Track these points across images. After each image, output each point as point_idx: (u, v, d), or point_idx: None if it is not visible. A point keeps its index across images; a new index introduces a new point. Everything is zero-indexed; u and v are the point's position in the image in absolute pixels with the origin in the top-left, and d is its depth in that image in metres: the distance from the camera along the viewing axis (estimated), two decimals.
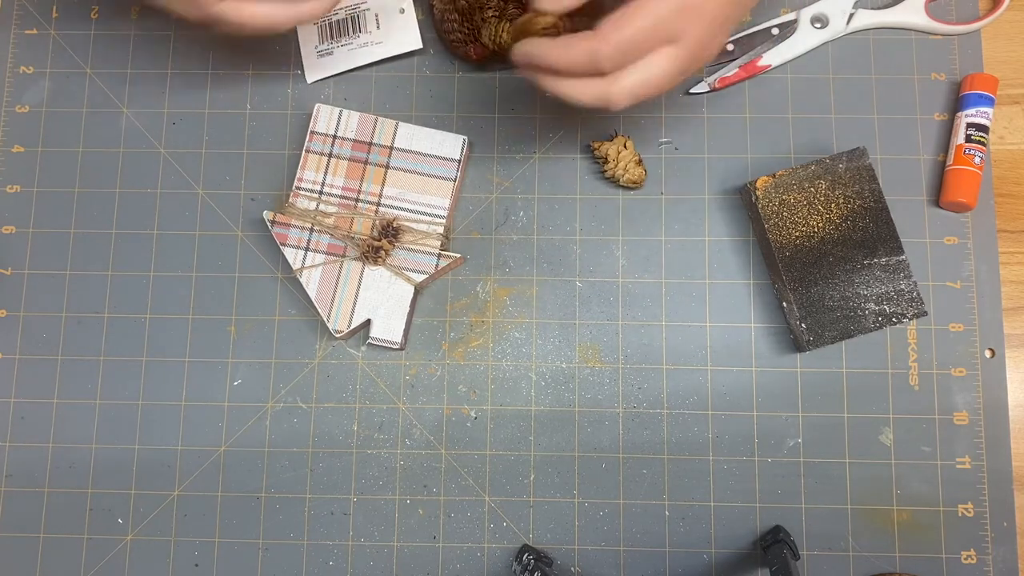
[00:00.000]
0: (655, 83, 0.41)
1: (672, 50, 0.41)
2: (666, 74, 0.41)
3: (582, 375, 0.54)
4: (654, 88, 0.42)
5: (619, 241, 0.55)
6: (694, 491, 0.53)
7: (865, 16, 0.56)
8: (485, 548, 0.53)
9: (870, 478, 0.52)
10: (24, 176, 0.57)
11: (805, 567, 0.52)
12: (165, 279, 0.56)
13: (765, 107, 0.56)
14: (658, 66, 0.41)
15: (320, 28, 0.58)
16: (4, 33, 0.59)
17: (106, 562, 0.53)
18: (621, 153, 0.54)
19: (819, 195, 0.52)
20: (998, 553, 0.51)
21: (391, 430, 0.54)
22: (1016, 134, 0.56)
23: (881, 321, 0.50)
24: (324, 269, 0.53)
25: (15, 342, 0.56)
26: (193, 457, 0.54)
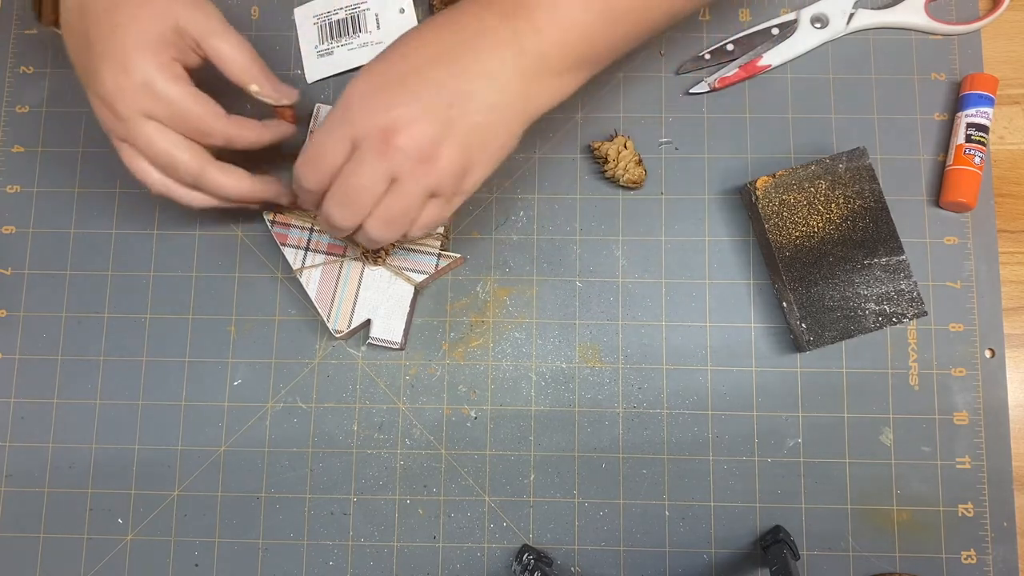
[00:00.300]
0: (348, 182, 0.41)
1: (355, 156, 0.41)
2: (358, 177, 0.41)
3: (582, 375, 0.54)
4: (354, 189, 0.41)
5: (619, 241, 0.55)
6: (694, 491, 0.53)
7: (865, 16, 0.56)
8: (485, 548, 0.53)
9: (870, 478, 0.52)
10: (24, 176, 0.57)
11: (805, 567, 0.52)
12: (165, 279, 0.56)
13: (765, 107, 0.56)
14: (348, 170, 0.41)
15: (320, 28, 0.58)
16: (4, 33, 0.59)
17: (106, 562, 0.53)
18: (621, 153, 0.54)
19: (819, 195, 0.52)
20: (998, 553, 0.51)
21: (391, 430, 0.54)
22: (1016, 134, 0.56)
23: (881, 321, 0.50)
24: (324, 269, 0.53)
25: (15, 342, 0.56)
26: (193, 457, 0.54)
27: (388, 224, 0.42)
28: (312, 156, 0.42)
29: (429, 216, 0.43)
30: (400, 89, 0.40)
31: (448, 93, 0.40)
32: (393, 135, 0.40)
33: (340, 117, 0.41)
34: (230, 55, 0.46)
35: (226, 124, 0.46)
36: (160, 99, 0.44)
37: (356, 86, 0.41)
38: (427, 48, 0.41)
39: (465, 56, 0.40)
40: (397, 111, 0.40)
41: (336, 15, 0.57)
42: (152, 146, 0.44)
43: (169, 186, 0.47)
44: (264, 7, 0.59)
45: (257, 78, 0.47)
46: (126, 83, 0.43)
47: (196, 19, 0.45)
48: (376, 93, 0.40)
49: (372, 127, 0.40)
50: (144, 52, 0.43)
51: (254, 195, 0.48)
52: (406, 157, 0.40)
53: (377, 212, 0.42)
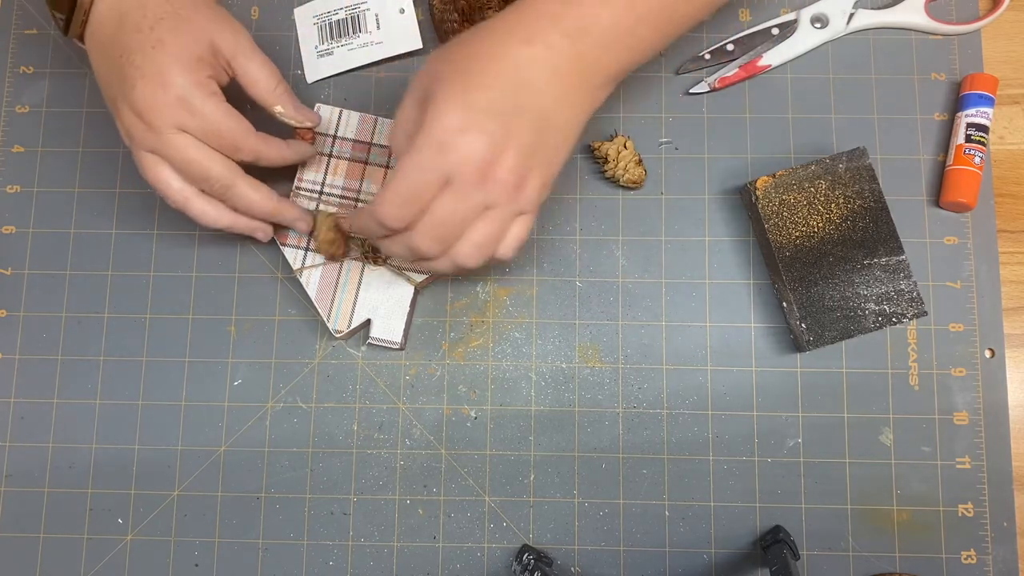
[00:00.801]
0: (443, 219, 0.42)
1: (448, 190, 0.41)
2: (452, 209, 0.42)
3: (582, 375, 0.54)
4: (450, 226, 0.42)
5: (619, 241, 0.55)
6: (694, 491, 0.53)
7: (865, 16, 0.56)
8: (485, 548, 0.53)
9: (870, 478, 0.52)
10: (24, 176, 0.57)
11: (805, 567, 0.52)
12: (165, 279, 0.56)
13: (765, 107, 0.56)
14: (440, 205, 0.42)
15: (320, 28, 0.58)
16: (4, 33, 0.59)
17: (106, 562, 0.53)
18: (621, 153, 0.54)
19: (819, 195, 0.52)
20: (998, 553, 0.51)
21: (391, 430, 0.54)
22: (1016, 134, 0.56)
23: (881, 321, 0.50)
24: (324, 269, 0.53)
25: (15, 342, 0.56)
26: (193, 457, 0.54)
27: (480, 249, 0.44)
28: (407, 195, 0.42)
29: (518, 234, 0.44)
30: (492, 123, 0.41)
31: (534, 119, 0.42)
32: (491, 168, 0.41)
33: (436, 154, 0.41)
34: (257, 76, 0.48)
35: (256, 141, 0.47)
36: (195, 113, 0.45)
37: (448, 121, 0.40)
38: (506, 80, 0.41)
39: (545, 81, 0.41)
40: (493, 145, 0.41)
41: (336, 15, 0.57)
42: (185, 157, 0.45)
43: (189, 198, 0.47)
44: (264, 7, 0.59)
45: (281, 99, 0.49)
46: (164, 97, 0.44)
47: (229, 40, 0.47)
48: (470, 129, 0.40)
49: (470, 163, 0.41)
50: (183, 68, 0.45)
51: (277, 214, 0.49)
52: (503, 187, 0.42)
53: (470, 238, 0.43)
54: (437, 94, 0.41)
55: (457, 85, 0.41)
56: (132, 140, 0.46)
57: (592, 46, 0.42)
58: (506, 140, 0.41)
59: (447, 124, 0.40)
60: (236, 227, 0.50)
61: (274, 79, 0.49)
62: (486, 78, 0.41)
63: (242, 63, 0.48)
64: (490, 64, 0.41)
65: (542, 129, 0.42)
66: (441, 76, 0.41)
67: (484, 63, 0.41)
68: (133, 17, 0.45)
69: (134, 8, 0.46)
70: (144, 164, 0.46)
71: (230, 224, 0.49)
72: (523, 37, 0.41)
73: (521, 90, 0.41)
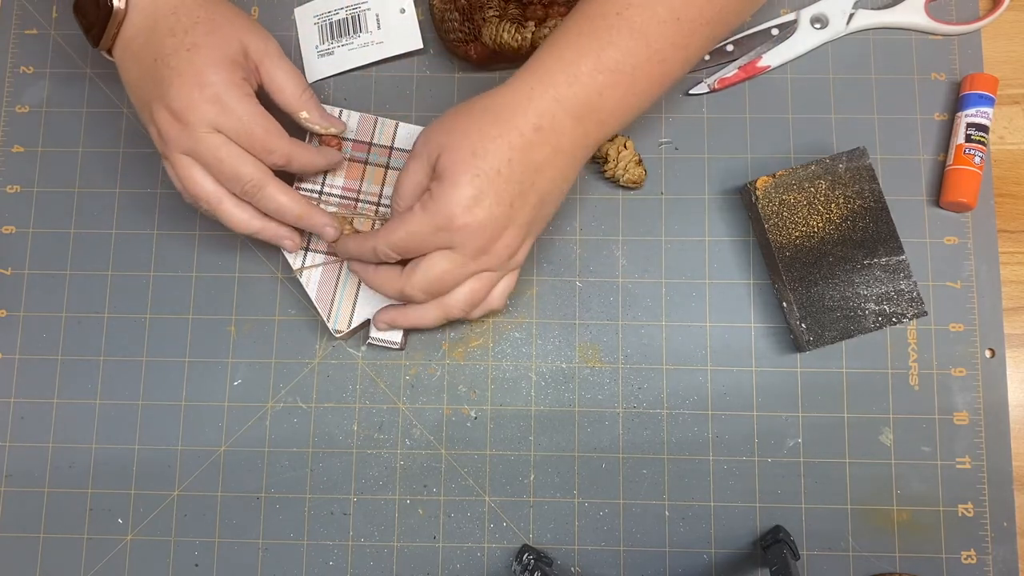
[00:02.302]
0: (439, 277, 0.45)
1: (449, 252, 0.45)
2: (448, 272, 0.45)
3: (582, 375, 0.54)
4: (443, 284, 0.45)
5: (619, 241, 0.55)
6: (694, 491, 0.53)
7: (865, 16, 0.56)
8: (485, 548, 0.53)
9: (870, 478, 0.52)
10: (24, 176, 0.57)
11: (805, 567, 0.52)
12: (165, 279, 0.56)
13: (765, 107, 0.56)
14: (438, 264, 0.45)
15: (320, 28, 0.58)
16: (4, 33, 0.59)
17: (106, 562, 0.53)
18: (621, 153, 0.54)
19: (819, 195, 0.52)
20: (998, 553, 0.51)
21: (391, 430, 0.54)
22: (1016, 134, 0.56)
23: (881, 321, 0.50)
24: (324, 269, 0.53)
25: (15, 342, 0.56)
26: (193, 457, 0.54)
27: (468, 301, 0.47)
28: (404, 247, 0.45)
29: (506, 287, 0.48)
30: (498, 208, 0.43)
31: (535, 198, 0.45)
32: (491, 243, 0.44)
33: (441, 225, 0.43)
34: (284, 82, 0.49)
35: (289, 144, 0.48)
36: (230, 113, 0.46)
37: (458, 198, 0.43)
38: (516, 165, 0.43)
39: (548, 162, 0.44)
40: (496, 226, 0.44)
41: (336, 15, 0.57)
42: (218, 155, 0.46)
43: (222, 199, 0.48)
44: (264, 7, 0.59)
45: (307, 106, 0.50)
46: (200, 97, 0.45)
47: (259, 45, 0.48)
48: (477, 210, 0.43)
49: (473, 241, 0.44)
50: (219, 70, 0.46)
51: (305, 219, 0.50)
52: (498, 259, 0.45)
53: (458, 295, 0.46)
54: (448, 169, 0.43)
55: (469, 164, 0.43)
56: (167, 141, 0.46)
57: (595, 124, 0.45)
58: (508, 220, 0.44)
59: (457, 201, 0.43)
60: (265, 232, 0.50)
61: (300, 85, 0.50)
62: (497, 161, 0.43)
63: (269, 68, 0.49)
64: (503, 148, 0.43)
65: (540, 205, 0.45)
66: (454, 150, 0.44)
67: (498, 146, 0.43)
68: (166, 23, 0.46)
69: (167, 15, 0.47)
70: (178, 165, 0.47)
71: (259, 229, 0.49)
72: (534, 122, 0.44)
73: (526, 172, 0.44)
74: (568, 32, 0.45)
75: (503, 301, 0.48)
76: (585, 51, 0.44)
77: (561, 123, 0.44)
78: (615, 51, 0.44)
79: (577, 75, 0.44)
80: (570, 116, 0.44)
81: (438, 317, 0.47)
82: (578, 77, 0.44)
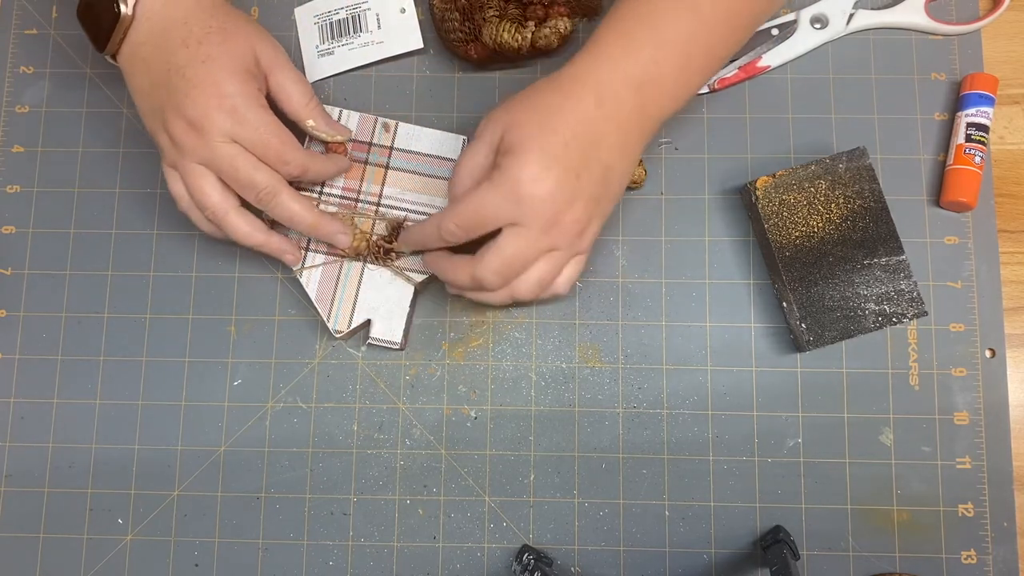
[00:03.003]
0: (512, 257, 0.45)
1: (519, 229, 0.44)
2: (521, 250, 0.44)
3: (582, 375, 0.54)
4: (515, 264, 0.45)
5: (619, 241, 0.55)
6: (694, 491, 0.53)
7: (865, 16, 0.56)
8: (485, 548, 0.53)
9: (870, 478, 0.52)
10: (24, 176, 0.57)
11: (805, 567, 0.52)
12: (165, 279, 0.56)
13: (765, 107, 0.56)
14: (511, 244, 0.44)
15: (321, 28, 0.58)
16: (4, 33, 0.59)
17: (106, 562, 0.53)
18: None
19: (819, 195, 0.52)
20: (998, 553, 0.51)
21: (391, 430, 0.54)
22: (1016, 134, 0.56)
23: (881, 321, 0.50)
24: (324, 269, 0.53)
25: (15, 342, 0.56)
26: (193, 457, 0.54)
27: (539, 285, 0.46)
28: (474, 222, 0.45)
29: (573, 272, 0.47)
30: (564, 177, 0.43)
31: (600, 171, 0.44)
32: (559, 217, 0.44)
33: (509, 196, 0.43)
34: (291, 90, 0.50)
35: (304, 155, 0.49)
36: (246, 124, 0.46)
37: (527, 171, 0.43)
38: (581, 138, 0.44)
39: (610, 135, 0.44)
40: (563, 199, 0.43)
41: (337, 15, 0.57)
42: (234, 164, 0.46)
43: (228, 211, 0.48)
44: (264, 6, 0.59)
45: (314, 114, 0.51)
46: (217, 107, 0.46)
47: (269, 53, 0.49)
48: (544, 180, 0.43)
49: (542, 214, 0.43)
50: (235, 81, 0.46)
51: (317, 226, 0.50)
52: (567, 235, 0.45)
53: (529, 276, 0.46)
54: (516, 144, 0.44)
55: (537, 138, 0.43)
56: (182, 150, 0.47)
57: (652, 96, 0.45)
58: (576, 193, 0.44)
59: (526, 174, 0.43)
60: (268, 246, 0.50)
61: (307, 94, 0.50)
62: (563, 134, 0.43)
63: (278, 77, 0.49)
64: (567, 119, 0.44)
65: (605, 180, 0.45)
66: (521, 125, 0.44)
67: (562, 117, 0.44)
68: (178, 33, 0.47)
69: (177, 24, 0.47)
70: (191, 175, 0.47)
71: (263, 242, 0.50)
72: (595, 92, 0.44)
73: (591, 145, 0.44)
74: (621, 9, 0.46)
75: (569, 286, 0.48)
76: (639, 24, 0.45)
77: (621, 94, 0.44)
78: (669, 21, 0.44)
79: (632, 46, 0.44)
80: (628, 87, 0.44)
81: (505, 299, 0.47)
82: (634, 48, 0.44)
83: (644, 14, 0.45)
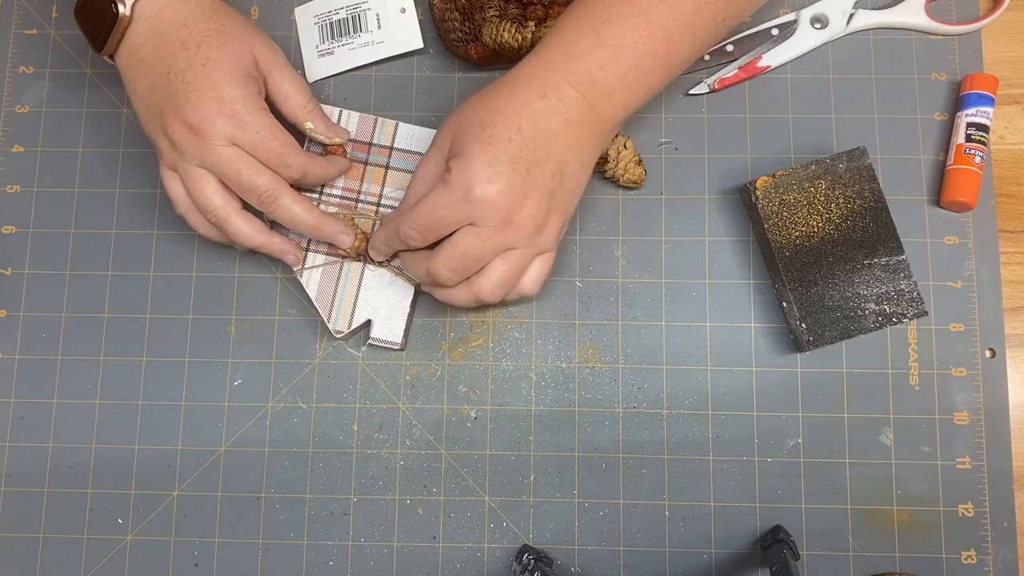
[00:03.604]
0: (464, 253, 0.45)
1: (473, 228, 0.44)
2: (472, 246, 0.45)
3: (582, 375, 0.54)
4: (467, 260, 0.45)
5: (619, 241, 0.55)
6: (694, 491, 0.53)
7: (865, 16, 0.56)
8: (485, 548, 0.53)
9: (870, 478, 0.52)
10: (24, 176, 0.57)
11: (805, 567, 0.52)
12: (165, 279, 0.56)
13: (765, 107, 0.56)
14: (463, 240, 0.45)
15: (321, 28, 0.58)
16: (4, 33, 0.59)
17: (106, 562, 0.53)
18: (621, 153, 0.54)
19: (819, 195, 0.52)
20: (998, 553, 0.51)
21: (391, 430, 0.54)
22: (1016, 134, 0.56)
23: (881, 321, 0.50)
24: (324, 269, 0.53)
25: (15, 342, 0.56)
26: (193, 457, 0.54)
27: (500, 285, 0.46)
28: (427, 224, 0.45)
29: (539, 271, 0.47)
30: (514, 173, 0.44)
31: (552, 167, 0.45)
32: (513, 214, 0.44)
33: (461, 198, 0.44)
34: (290, 92, 0.50)
35: (304, 157, 0.49)
36: (247, 127, 0.46)
37: (474, 172, 0.43)
38: (527, 132, 0.44)
39: (558, 129, 0.45)
40: (515, 195, 0.44)
41: (337, 15, 0.57)
42: (235, 167, 0.47)
43: (229, 213, 0.48)
44: (264, 7, 0.59)
45: (312, 116, 0.51)
46: (218, 111, 0.46)
47: (268, 56, 0.49)
48: (494, 179, 0.43)
49: (493, 210, 0.44)
50: (235, 84, 0.46)
51: (319, 228, 0.50)
52: (523, 232, 0.45)
53: (488, 275, 0.46)
54: (463, 146, 0.44)
55: (482, 138, 0.44)
56: (182, 153, 0.47)
57: (601, 97, 0.45)
58: (527, 189, 0.44)
59: (475, 174, 0.43)
60: (269, 247, 0.50)
61: (305, 96, 0.50)
62: (508, 131, 0.44)
63: (277, 79, 0.49)
64: (511, 118, 0.44)
65: (560, 175, 0.45)
66: (467, 127, 0.45)
67: (506, 116, 0.44)
68: (176, 36, 0.47)
69: (176, 27, 0.47)
70: (191, 178, 0.47)
71: (264, 243, 0.50)
72: (538, 92, 0.45)
73: (540, 141, 0.44)
74: (569, 15, 0.46)
75: (536, 286, 0.48)
76: (584, 30, 0.45)
77: (566, 94, 0.44)
78: (614, 27, 0.44)
79: (578, 51, 0.45)
80: (573, 88, 0.44)
81: (468, 299, 0.47)
82: (579, 52, 0.45)
83: (587, 21, 0.45)
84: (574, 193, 0.47)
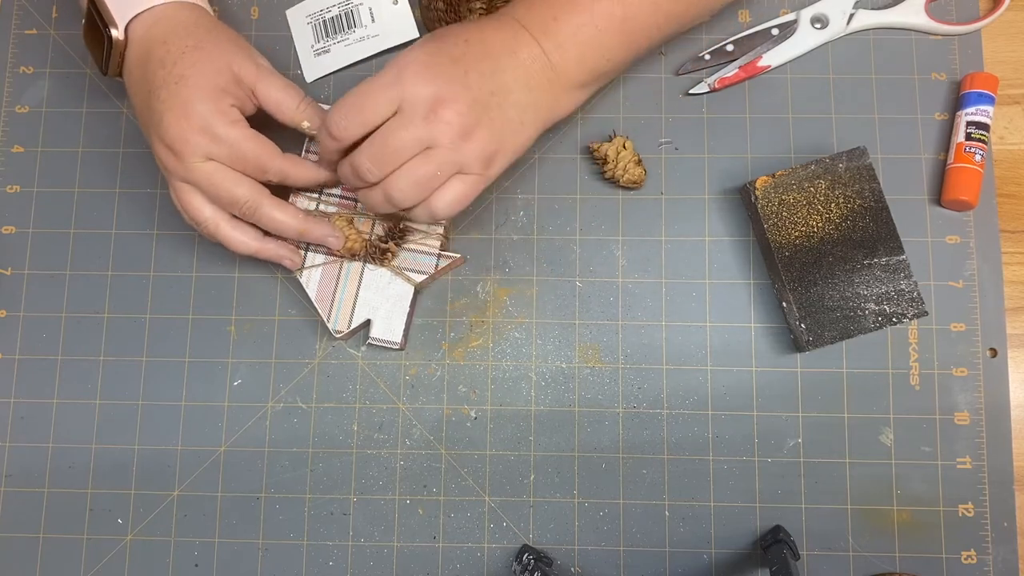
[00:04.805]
0: (383, 137, 0.44)
1: (397, 115, 0.44)
2: (394, 132, 0.44)
3: (582, 375, 0.54)
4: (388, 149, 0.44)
5: (619, 241, 0.55)
6: (694, 491, 0.53)
7: (865, 16, 0.56)
8: (485, 548, 0.53)
9: (870, 478, 0.52)
10: (24, 176, 0.57)
11: (805, 567, 0.52)
12: (165, 279, 0.56)
13: (765, 107, 0.56)
14: (387, 127, 0.44)
15: (315, 26, 0.58)
16: (4, 33, 0.59)
17: (106, 562, 0.53)
18: (620, 153, 0.54)
19: (819, 195, 0.52)
20: (998, 553, 0.51)
21: (391, 430, 0.54)
22: (1016, 134, 0.56)
23: (881, 321, 0.50)
24: (324, 269, 0.53)
25: (15, 342, 0.56)
26: (193, 457, 0.54)
27: (415, 185, 0.45)
28: (355, 107, 0.44)
29: (453, 191, 0.46)
30: (452, 69, 0.44)
31: (491, 84, 0.44)
32: (441, 106, 0.43)
33: (393, 79, 0.43)
34: (280, 98, 0.50)
35: (282, 161, 0.49)
36: (220, 141, 0.47)
37: (413, 56, 0.44)
38: (474, 46, 0.45)
39: (506, 58, 0.45)
40: (448, 87, 0.43)
41: (329, 12, 0.57)
42: (212, 181, 0.47)
43: (219, 224, 0.49)
44: (263, 7, 0.59)
45: (306, 115, 0.51)
46: (188, 128, 0.46)
47: (249, 68, 0.49)
48: (431, 67, 0.43)
49: (423, 95, 0.43)
50: (204, 100, 0.46)
51: (306, 233, 0.50)
52: (447, 129, 0.43)
53: (406, 172, 0.44)
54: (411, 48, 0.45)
55: (431, 39, 0.45)
56: (167, 171, 0.48)
57: (554, 47, 0.46)
58: (462, 88, 0.44)
59: (412, 57, 0.44)
60: (264, 253, 0.51)
61: (296, 98, 0.50)
62: (457, 40, 0.45)
63: (264, 89, 0.49)
64: (461, 32, 0.46)
65: (500, 95, 0.45)
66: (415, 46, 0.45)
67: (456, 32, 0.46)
68: (157, 53, 0.47)
69: (157, 44, 0.47)
70: (178, 193, 0.48)
71: (258, 250, 0.50)
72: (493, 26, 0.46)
73: (486, 60, 0.45)
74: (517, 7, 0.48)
75: (449, 209, 0.46)
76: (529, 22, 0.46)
77: (518, 33, 0.46)
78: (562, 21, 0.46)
79: (532, 4, 0.47)
80: (527, 31, 0.46)
81: (381, 200, 0.46)
82: (532, 5, 0.47)
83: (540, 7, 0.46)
84: (514, 128, 0.46)
